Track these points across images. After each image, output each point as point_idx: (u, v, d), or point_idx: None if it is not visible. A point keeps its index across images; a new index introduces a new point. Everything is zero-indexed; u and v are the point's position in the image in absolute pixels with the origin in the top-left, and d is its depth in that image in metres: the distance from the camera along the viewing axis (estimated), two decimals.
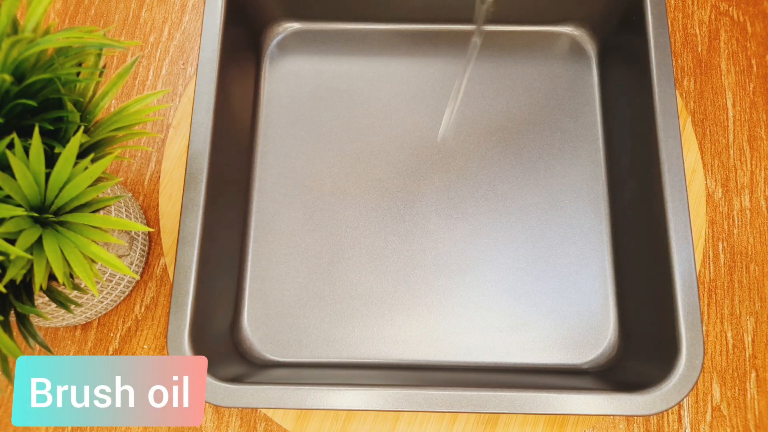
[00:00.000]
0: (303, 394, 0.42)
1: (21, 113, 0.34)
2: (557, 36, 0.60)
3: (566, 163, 0.55)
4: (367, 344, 0.50)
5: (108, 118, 0.38)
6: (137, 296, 0.52)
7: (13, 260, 0.32)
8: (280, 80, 0.58)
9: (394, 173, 0.55)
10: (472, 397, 0.41)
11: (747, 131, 0.57)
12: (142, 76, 0.58)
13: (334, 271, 0.52)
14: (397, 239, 0.53)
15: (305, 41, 0.60)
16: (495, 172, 0.55)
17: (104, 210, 0.44)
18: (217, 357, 0.45)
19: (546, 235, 0.53)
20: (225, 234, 0.50)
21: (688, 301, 0.43)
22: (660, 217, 0.46)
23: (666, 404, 0.41)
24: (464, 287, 0.52)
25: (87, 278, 0.33)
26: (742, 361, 0.51)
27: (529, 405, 0.41)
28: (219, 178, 0.48)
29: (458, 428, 0.49)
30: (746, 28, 0.60)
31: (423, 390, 0.42)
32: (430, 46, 0.59)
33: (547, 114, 0.57)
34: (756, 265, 0.53)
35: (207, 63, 0.49)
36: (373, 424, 0.49)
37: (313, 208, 0.54)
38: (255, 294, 0.52)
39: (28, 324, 0.37)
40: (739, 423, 0.49)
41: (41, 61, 0.34)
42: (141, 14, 0.60)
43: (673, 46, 0.58)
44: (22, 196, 0.32)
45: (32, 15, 0.34)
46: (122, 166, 0.55)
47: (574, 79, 0.58)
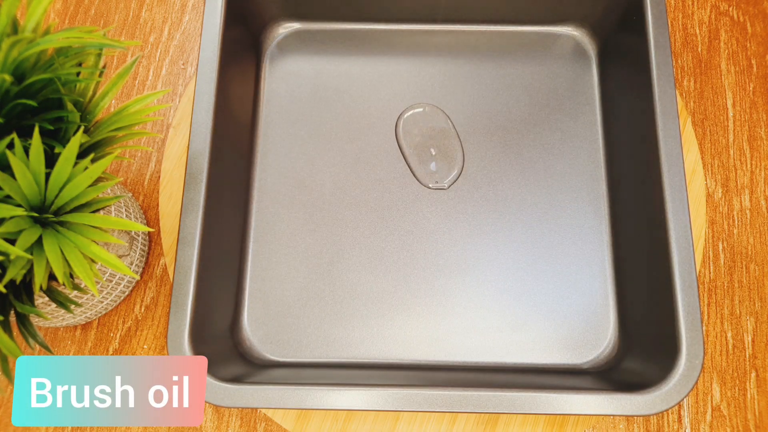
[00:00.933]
0: (303, 394, 0.42)
1: (21, 113, 0.34)
2: (557, 36, 0.60)
3: (566, 163, 0.55)
4: (367, 344, 0.50)
5: (108, 118, 0.38)
6: (137, 296, 0.52)
7: (13, 260, 0.32)
8: (280, 80, 0.58)
9: (394, 173, 0.55)
10: (472, 397, 0.41)
11: (747, 131, 0.57)
12: (142, 76, 0.58)
13: (334, 271, 0.52)
14: (397, 239, 0.53)
15: (305, 41, 0.60)
16: (495, 172, 0.55)
17: (104, 210, 0.44)
18: (217, 357, 0.45)
19: (546, 235, 0.53)
20: (225, 234, 0.50)
21: (688, 301, 0.43)
22: (660, 218, 0.46)
23: (666, 404, 0.41)
24: (464, 287, 0.52)
25: (87, 278, 0.33)
26: (742, 361, 0.51)
27: (529, 405, 0.41)
28: (219, 178, 0.48)
29: (458, 428, 0.49)
30: (746, 28, 0.60)
31: (423, 390, 0.42)
32: (430, 46, 0.59)
33: (547, 114, 0.57)
34: (756, 265, 0.53)
35: (207, 63, 0.49)
36: (373, 424, 0.49)
37: (313, 208, 0.54)
38: (255, 294, 0.52)
39: (28, 324, 0.37)
40: (739, 423, 0.49)
41: (41, 61, 0.34)
42: (141, 14, 0.60)
43: (673, 46, 0.58)
44: (22, 196, 0.32)
45: (32, 15, 0.34)
46: (122, 166, 0.55)
47: (574, 79, 0.58)
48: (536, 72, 0.58)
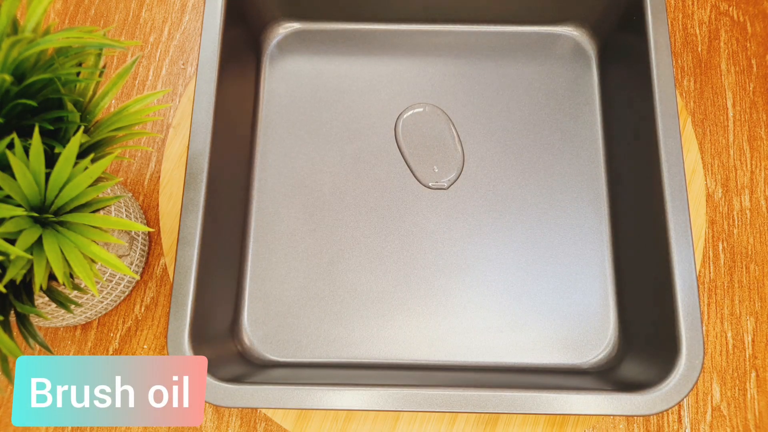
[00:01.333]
0: (303, 394, 0.42)
1: (21, 113, 0.34)
2: (557, 36, 0.60)
3: (566, 163, 0.55)
4: (367, 344, 0.50)
5: (108, 118, 0.38)
6: (137, 296, 0.52)
7: (13, 260, 0.32)
8: (280, 80, 0.58)
9: (394, 173, 0.55)
10: (472, 397, 0.41)
11: (747, 131, 0.57)
12: (142, 76, 0.58)
13: (334, 271, 0.52)
14: (397, 239, 0.53)
15: (305, 41, 0.60)
16: (495, 172, 0.55)
17: (104, 210, 0.44)
18: (217, 357, 0.45)
19: (546, 235, 0.53)
20: (225, 234, 0.50)
21: (688, 301, 0.43)
22: (660, 217, 0.46)
23: (666, 404, 0.41)
24: (464, 287, 0.52)
25: (87, 278, 0.33)
26: (742, 361, 0.51)
27: (529, 405, 0.41)
28: (219, 178, 0.48)
29: (458, 428, 0.49)
30: (746, 28, 0.60)
31: (423, 390, 0.42)
32: (430, 46, 0.59)
33: (547, 114, 0.57)
34: (756, 265, 0.53)
35: (207, 63, 0.49)
36: (373, 424, 0.49)
37: (313, 208, 0.54)
38: (255, 294, 0.52)
39: (28, 324, 0.37)
40: (739, 423, 0.49)
41: (41, 61, 0.34)
42: (141, 14, 0.60)
43: (673, 46, 0.58)
44: (22, 196, 0.32)
45: (32, 15, 0.34)
46: (122, 166, 0.55)
47: (574, 79, 0.58)
48: (536, 72, 0.58)
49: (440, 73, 0.58)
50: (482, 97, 0.57)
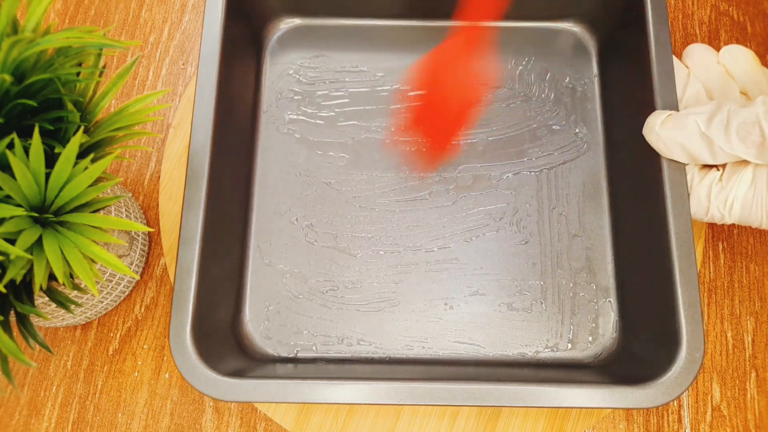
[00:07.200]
0: (304, 388, 0.42)
1: (21, 113, 0.34)
2: (557, 32, 0.60)
3: (566, 159, 0.55)
4: (368, 339, 0.51)
5: (108, 118, 0.38)
6: (137, 296, 0.52)
7: (13, 260, 0.32)
8: (281, 76, 0.58)
9: (394, 172, 0.55)
10: (473, 390, 0.41)
11: None
12: (142, 76, 0.58)
13: (335, 266, 0.52)
14: (398, 234, 0.53)
15: (306, 37, 0.60)
16: (494, 171, 0.55)
17: (104, 210, 0.44)
18: (218, 353, 0.45)
19: (547, 229, 0.53)
20: (226, 231, 0.50)
21: (689, 295, 0.43)
22: (661, 213, 0.46)
23: (667, 396, 0.41)
24: (465, 283, 0.52)
25: (87, 278, 0.33)
26: (742, 361, 0.51)
27: (531, 398, 0.41)
28: (220, 176, 0.48)
29: (459, 424, 0.49)
30: (746, 28, 0.60)
31: (425, 384, 0.42)
32: (432, 43, 0.59)
33: (547, 109, 0.57)
34: (756, 265, 0.53)
35: (207, 62, 0.49)
36: (374, 420, 0.49)
37: (313, 203, 0.54)
38: (256, 289, 0.52)
39: (28, 324, 0.37)
40: (739, 423, 0.49)
41: (41, 61, 0.34)
42: (141, 14, 0.60)
43: (673, 46, 0.58)
44: (22, 196, 0.32)
45: (32, 15, 0.34)
46: (122, 166, 0.55)
47: (574, 74, 0.58)
48: (536, 67, 0.58)
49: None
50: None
